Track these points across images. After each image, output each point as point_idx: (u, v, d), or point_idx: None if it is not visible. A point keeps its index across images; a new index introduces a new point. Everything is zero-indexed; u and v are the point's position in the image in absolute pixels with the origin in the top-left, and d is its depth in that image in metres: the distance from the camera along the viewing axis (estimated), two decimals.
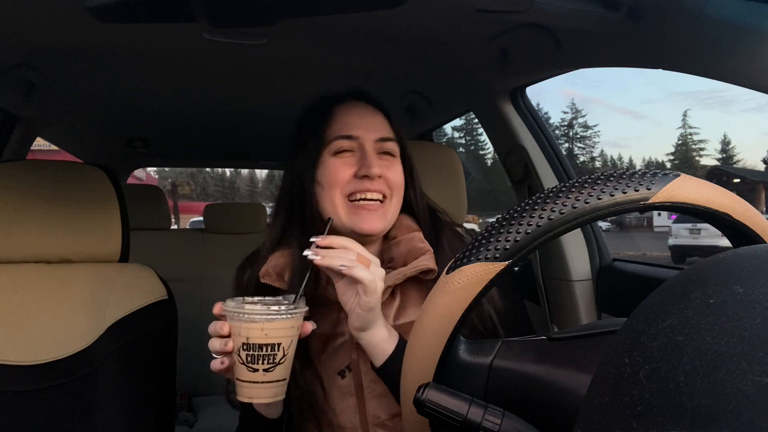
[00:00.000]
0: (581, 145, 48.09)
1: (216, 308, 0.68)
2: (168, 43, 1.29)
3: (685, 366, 0.25)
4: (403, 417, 0.49)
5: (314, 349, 0.83)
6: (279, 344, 0.65)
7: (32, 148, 1.92)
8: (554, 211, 0.41)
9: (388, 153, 0.85)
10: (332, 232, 0.79)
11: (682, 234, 12.77)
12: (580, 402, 0.33)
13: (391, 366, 0.71)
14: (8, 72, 1.36)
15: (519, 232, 0.42)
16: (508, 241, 0.42)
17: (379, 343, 0.72)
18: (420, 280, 0.83)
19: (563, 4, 0.90)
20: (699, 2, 0.78)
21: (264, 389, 0.65)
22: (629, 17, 0.89)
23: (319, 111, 0.87)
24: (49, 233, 1.05)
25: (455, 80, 1.50)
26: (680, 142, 49.85)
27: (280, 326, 0.65)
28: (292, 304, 0.67)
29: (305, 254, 0.69)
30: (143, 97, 1.83)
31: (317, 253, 0.69)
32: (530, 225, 0.42)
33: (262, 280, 0.82)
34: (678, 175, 0.42)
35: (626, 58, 1.01)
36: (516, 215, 0.43)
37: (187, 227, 4.35)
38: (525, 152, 1.48)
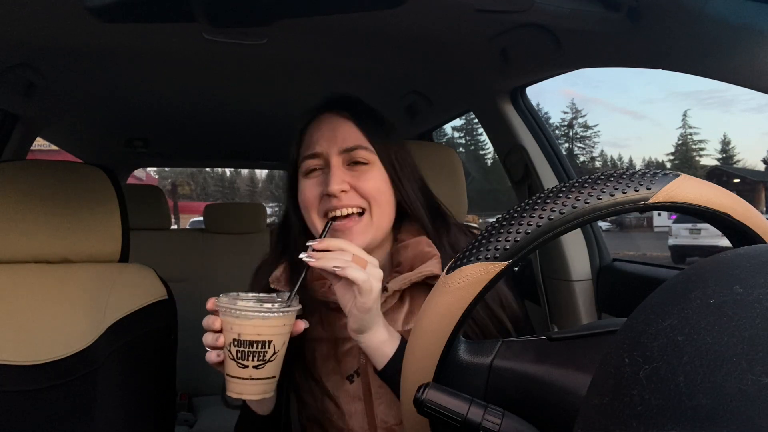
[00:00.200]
0: (581, 145, 48.11)
1: (209, 303, 0.68)
2: (168, 43, 1.29)
3: (685, 366, 0.25)
4: (403, 417, 0.49)
5: (322, 354, 0.83)
6: (270, 342, 0.65)
7: (32, 148, 1.92)
8: (554, 211, 0.41)
9: (361, 161, 0.81)
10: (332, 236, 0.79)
11: (682, 234, 12.77)
12: (580, 402, 0.33)
13: (393, 369, 0.70)
14: (8, 72, 1.36)
15: (519, 232, 0.42)
16: (508, 241, 0.42)
17: (380, 346, 0.71)
18: (428, 285, 0.82)
19: (563, 4, 0.90)
20: (699, 2, 0.78)
21: (253, 386, 0.65)
22: (629, 17, 0.89)
23: (296, 136, 0.87)
24: (49, 233, 1.05)
25: (455, 80, 1.50)
26: (680, 142, 49.86)
27: (272, 324, 0.64)
28: (285, 303, 0.67)
29: (300, 257, 0.69)
30: (143, 97, 1.83)
31: (312, 256, 0.69)
32: (530, 225, 0.42)
33: (272, 285, 0.83)
34: (678, 175, 0.42)
35: (626, 58, 1.01)
36: (516, 215, 0.43)
37: (187, 227, 4.35)
38: (525, 152, 1.48)
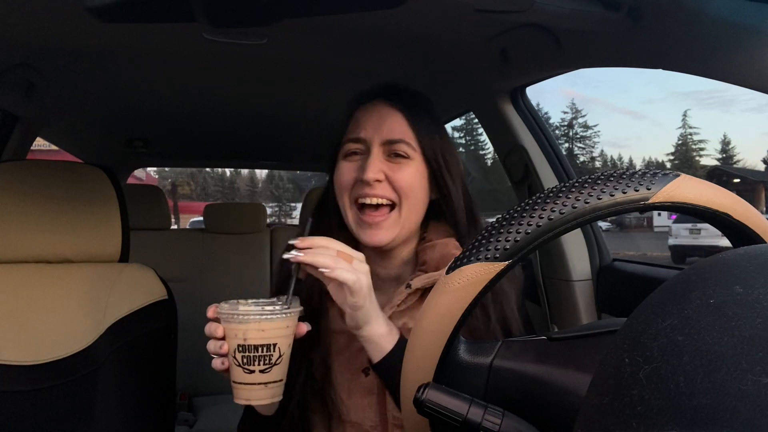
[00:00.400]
0: (581, 145, 48.11)
1: (210, 311, 0.67)
2: (168, 43, 1.29)
3: (685, 366, 0.25)
4: (403, 417, 0.49)
5: (338, 347, 0.83)
6: (275, 344, 0.64)
7: (32, 148, 1.92)
8: (554, 211, 0.41)
9: (401, 154, 0.81)
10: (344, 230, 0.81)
11: (682, 234, 12.77)
12: (580, 402, 0.33)
13: (388, 363, 0.70)
14: (8, 72, 1.36)
15: (519, 232, 0.42)
16: (508, 241, 0.42)
17: (378, 340, 0.71)
18: None
19: (563, 4, 0.90)
20: (699, 2, 0.78)
21: (261, 390, 0.65)
22: (629, 17, 0.89)
23: (346, 114, 0.87)
24: (49, 233, 1.05)
25: (455, 80, 1.50)
26: (680, 142, 49.86)
27: (275, 326, 0.64)
28: (286, 305, 0.67)
29: (285, 257, 0.68)
30: (143, 97, 1.83)
31: (299, 252, 0.68)
32: (530, 225, 0.42)
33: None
34: (678, 175, 0.42)
35: (626, 58, 1.01)
36: (516, 215, 0.43)
37: (187, 227, 4.36)
38: (525, 152, 1.48)
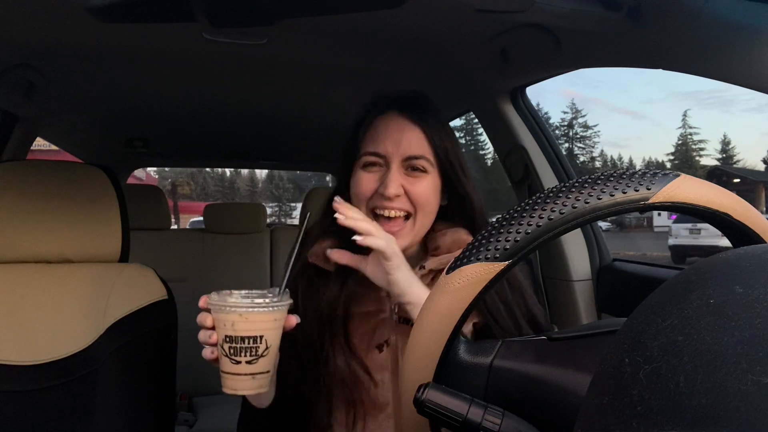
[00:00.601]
0: (581, 145, 48.08)
1: (201, 301, 0.69)
2: (168, 43, 1.29)
3: (685, 366, 0.25)
4: (403, 417, 0.49)
5: (355, 327, 0.86)
6: (261, 336, 0.65)
7: (32, 148, 1.92)
8: (554, 211, 0.41)
9: (419, 169, 0.85)
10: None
11: (682, 234, 12.77)
12: (580, 402, 0.33)
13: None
14: (8, 72, 1.36)
15: (519, 232, 0.42)
16: (508, 241, 0.42)
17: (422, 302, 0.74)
18: None
19: (563, 4, 0.90)
20: (699, 2, 0.78)
21: (247, 381, 0.66)
22: (629, 17, 0.90)
23: (362, 121, 0.90)
24: (49, 233, 1.05)
25: (455, 80, 1.50)
26: (680, 142, 49.84)
27: (262, 319, 0.65)
28: (276, 297, 0.67)
29: (335, 216, 0.76)
30: (143, 97, 1.83)
31: (342, 213, 0.76)
32: (530, 225, 0.42)
33: (310, 260, 0.88)
34: (678, 175, 0.42)
35: (626, 58, 1.01)
36: (516, 215, 0.43)
37: (187, 227, 4.35)
38: (525, 152, 1.48)
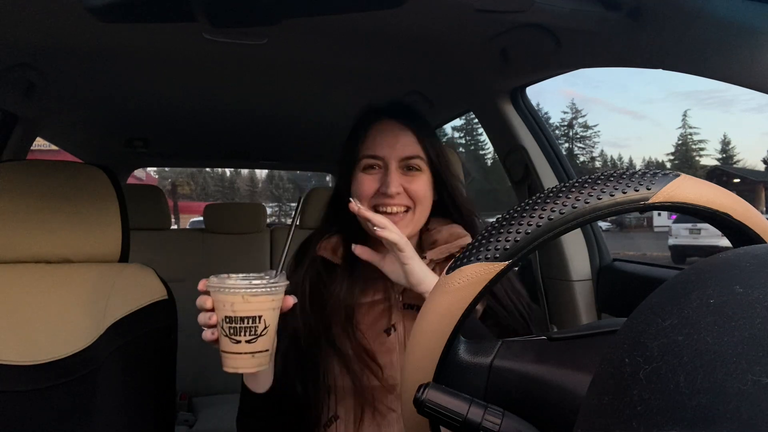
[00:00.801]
0: (581, 145, 48.09)
1: (201, 284, 0.71)
2: (168, 43, 1.29)
3: (685, 366, 0.25)
4: (403, 417, 0.49)
5: (363, 315, 0.92)
6: (260, 316, 0.68)
7: (32, 148, 1.92)
8: (554, 211, 0.41)
9: (414, 168, 0.93)
10: (356, 223, 0.95)
11: (682, 234, 12.77)
12: (580, 402, 0.33)
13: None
14: (8, 72, 1.36)
15: (519, 232, 0.42)
16: (508, 241, 0.42)
17: None
18: None
19: (563, 4, 0.90)
20: (699, 2, 0.78)
21: (247, 359, 0.68)
22: (629, 17, 0.90)
23: (359, 128, 0.97)
24: (49, 233, 1.05)
25: (455, 80, 1.50)
26: (680, 142, 49.85)
27: (261, 299, 0.67)
28: (273, 279, 0.70)
29: (352, 205, 0.85)
30: (143, 97, 1.83)
31: (360, 212, 0.85)
32: (530, 225, 0.42)
33: (319, 253, 0.95)
34: (678, 175, 0.42)
35: (626, 58, 1.01)
36: (516, 215, 0.43)
37: (187, 227, 4.35)
38: (525, 152, 1.48)
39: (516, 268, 0.99)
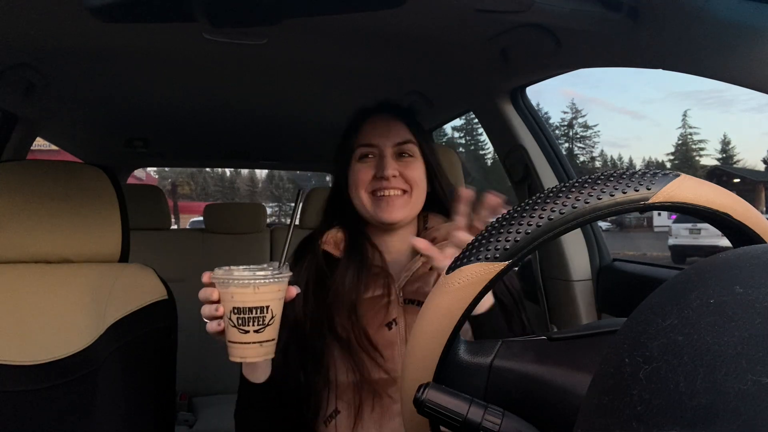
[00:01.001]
0: (581, 145, 48.09)
1: (205, 277, 0.71)
2: (168, 43, 1.28)
3: (685, 366, 0.25)
4: (403, 417, 0.49)
5: (365, 310, 0.93)
6: (267, 306, 0.69)
7: (32, 148, 1.92)
8: (554, 211, 0.41)
9: (407, 154, 0.98)
10: (356, 219, 0.99)
11: (682, 234, 12.78)
12: (580, 402, 0.33)
13: (484, 317, 0.79)
14: (8, 72, 1.36)
15: (519, 232, 0.42)
16: (508, 241, 0.42)
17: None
18: None
19: (563, 4, 0.90)
20: (699, 2, 0.78)
21: (255, 349, 0.70)
22: (629, 17, 0.90)
23: (352, 125, 1.02)
24: (49, 233, 1.05)
25: (455, 80, 1.50)
26: (680, 142, 49.85)
27: (268, 290, 0.69)
28: (277, 270, 0.71)
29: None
30: (143, 97, 1.83)
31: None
32: (530, 225, 0.42)
33: (323, 248, 0.97)
34: (678, 175, 0.42)
35: (626, 58, 1.01)
36: (516, 215, 0.43)
37: (187, 227, 4.35)
38: (525, 152, 1.48)
39: (516, 268, 0.99)
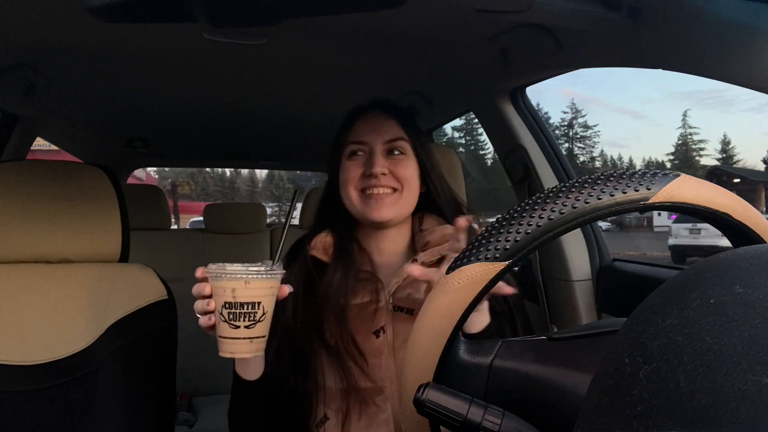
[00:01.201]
0: (581, 145, 48.09)
1: (198, 272, 0.71)
2: (168, 43, 1.28)
3: (685, 366, 0.25)
4: (403, 417, 0.49)
5: (353, 316, 0.91)
6: (259, 303, 0.69)
7: (32, 148, 1.92)
8: (554, 211, 0.41)
9: (398, 151, 0.95)
10: (347, 219, 0.97)
11: (682, 234, 12.77)
12: (580, 402, 0.33)
13: (488, 333, 0.75)
14: (8, 72, 1.36)
15: (519, 232, 0.42)
16: (508, 241, 0.42)
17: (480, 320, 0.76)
18: None
19: (563, 4, 0.90)
20: (699, 2, 0.78)
21: (245, 345, 0.69)
22: (629, 17, 0.90)
23: (344, 123, 1.00)
24: (49, 233, 1.05)
25: (455, 80, 1.50)
26: (680, 142, 49.85)
27: (260, 286, 0.69)
28: (271, 267, 0.71)
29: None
30: (143, 97, 1.83)
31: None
32: (530, 225, 0.42)
33: (311, 253, 0.95)
34: (678, 175, 0.42)
35: (626, 58, 1.01)
36: (516, 215, 0.43)
37: (187, 227, 4.35)
38: (525, 152, 1.48)
39: (516, 268, 0.98)
